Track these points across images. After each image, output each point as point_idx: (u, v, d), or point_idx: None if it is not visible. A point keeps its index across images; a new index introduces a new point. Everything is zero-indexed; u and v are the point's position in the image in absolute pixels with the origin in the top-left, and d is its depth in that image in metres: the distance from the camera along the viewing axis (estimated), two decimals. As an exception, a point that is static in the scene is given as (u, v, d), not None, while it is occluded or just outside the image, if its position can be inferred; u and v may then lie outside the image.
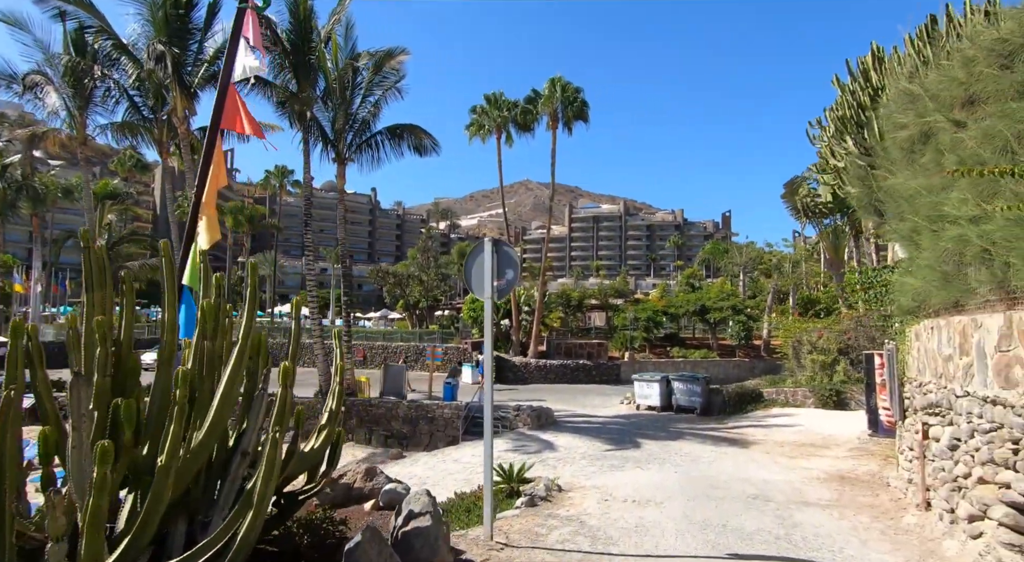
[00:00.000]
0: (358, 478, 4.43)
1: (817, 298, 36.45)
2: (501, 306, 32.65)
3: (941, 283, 5.35)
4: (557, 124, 29.77)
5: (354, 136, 18.29)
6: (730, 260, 48.18)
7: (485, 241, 5.16)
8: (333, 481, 4.44)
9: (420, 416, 18.25)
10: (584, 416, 18.92)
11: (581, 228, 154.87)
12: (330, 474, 3.37)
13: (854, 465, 10.63)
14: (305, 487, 3.29)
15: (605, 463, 11.76)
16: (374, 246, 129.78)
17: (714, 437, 14.76)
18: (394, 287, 46.06)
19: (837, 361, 18.23)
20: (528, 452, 13.38)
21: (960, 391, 4.99)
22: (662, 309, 35.78)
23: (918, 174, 5.94)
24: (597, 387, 28.32)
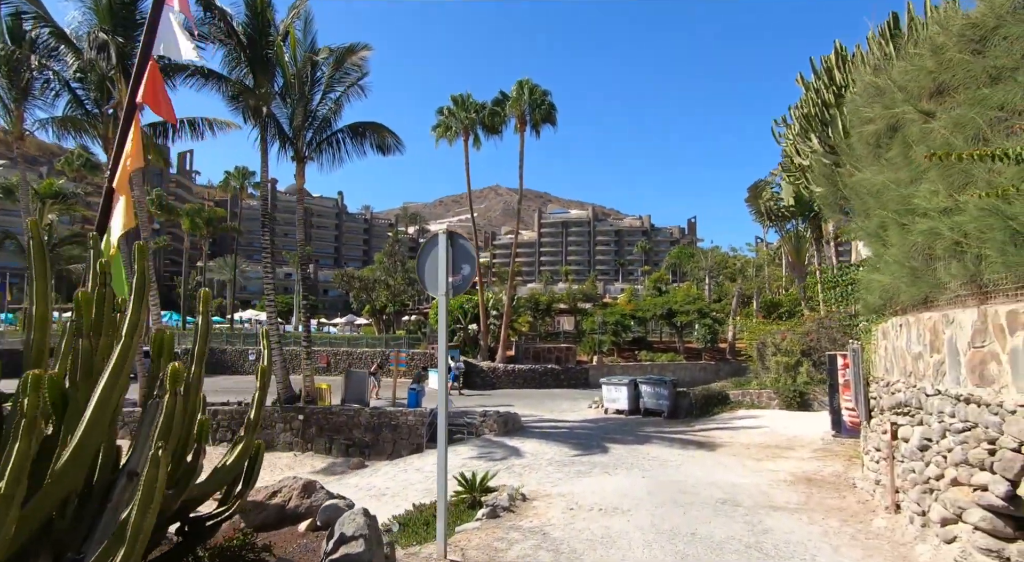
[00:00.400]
0: (294, 495, 3.97)
1: (780, 301, 37.18)
2: (469, 310, 32.20)
3: (910, 279, 5.22)
4: (525, 127, 29.58)
5: (314, 134, 17.64)
6: (696, 264, 48.87)
7: (439, 234, 4.79)
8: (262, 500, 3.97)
9: (383, 424, 17.63)
10: (552, 421, 18.63)
11: (550, 233, 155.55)
12: (245, 494, 2.93)
13: (819, 466, 10.60)
14: (216, 511, 2.85)
15: (572, 469, 11.45)
16: (341, 251, 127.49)
17: (681, 440, 14.65)
18: (360, 292, 45.04)
19: (800, 362, 18.42)
20: (494, 459, 12.97)
21: (931, 390, 4.84)
22: (630, 313, 35.91)
23: (885, 169, 5.82)
24: (566, 391, 28.10)
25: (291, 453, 17.65)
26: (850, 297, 7.61)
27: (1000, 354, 3.76)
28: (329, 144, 17.65)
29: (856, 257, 8.99)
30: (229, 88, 16.20)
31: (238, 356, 38.23)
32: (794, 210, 21.26)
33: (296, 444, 18.02)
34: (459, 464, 12.67)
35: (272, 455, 17.78)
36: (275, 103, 17.74)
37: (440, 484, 4.88)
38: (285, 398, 18.62)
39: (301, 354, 19.03)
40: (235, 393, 24.32)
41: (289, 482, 4.16)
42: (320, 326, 61.21)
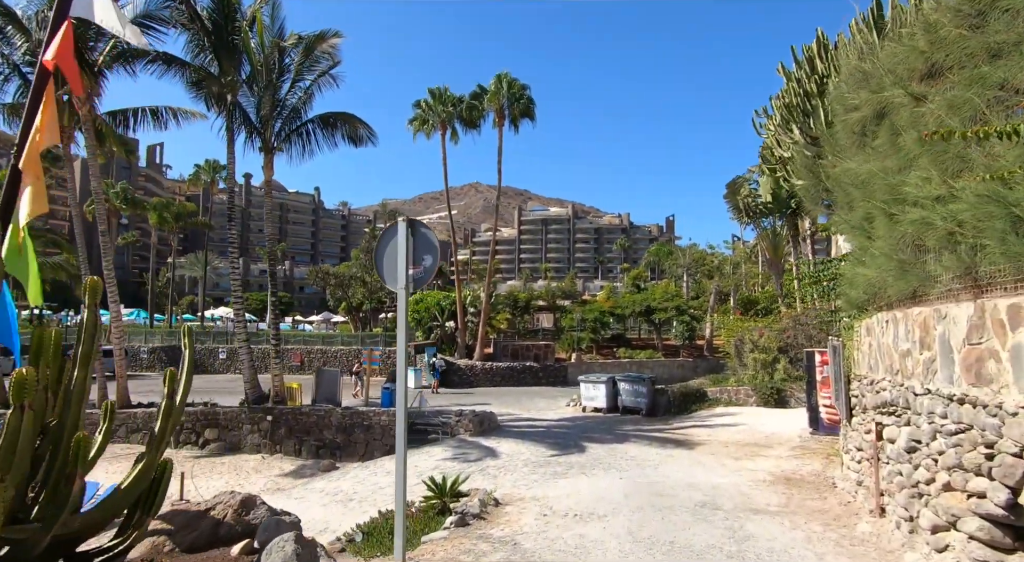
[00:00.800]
0: (230, 512, 3.53)
1: (756, 299, 37.45)
2: (447, 308, 31.70)
3: (898, 272, 4.96)
4: (504, 121, 29.15)
5: (283, 124, 16.95)
6: (674, 262, 49.04)
7: (399, 222, 4.37)
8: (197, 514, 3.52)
9: (355, 424, 17.09)
10: (529, 420, 18.30)
11: (530, 230, 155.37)
12: (145, 522, 2.50)
13: (798, 465, 10.45)
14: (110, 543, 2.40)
15: (548, 470, 11.12)
16: (317, 247, 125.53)
17: (660, 439, 14.44)
18: (336, 289, 44.18)
19: (777, 359, 18.40)
20: (468, 460, 12.58)
21: (920, 389, 4.59)
22: (609, 310, 35.78)
23: (871, 158, 5.57)
24: (544, 389, 27.84)
25: (259, 455, 17.01)
26: (831, 293, 7.40)
27: (1000, 351, 3.50)
28: (299, 135, 17.00)
29: (836, 252, 8.80)
30: (191, 74, 15.45)
31: (208, 354, 37.14)
32: (771, 207, 21.27)
33: (264, 446, 17.38)
34: (432, 466, 12.26)
35: (239, 458, 17.14)
36: (242, 92, 17.03)
37: (398, 494, 4.47)
38: (253, 398, 17.95)
39: (270, 352, 18.31)
40: (202, 393, 23.48)
41: (225, 497, 3.71)
42: (295, 324, 60.03)
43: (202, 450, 17.45)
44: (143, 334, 39.73)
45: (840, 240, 9.05)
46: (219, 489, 14.78)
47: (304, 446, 17.27)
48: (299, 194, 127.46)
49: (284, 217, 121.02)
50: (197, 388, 27.44)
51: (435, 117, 29.24)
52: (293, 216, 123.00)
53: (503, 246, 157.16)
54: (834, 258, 7.33)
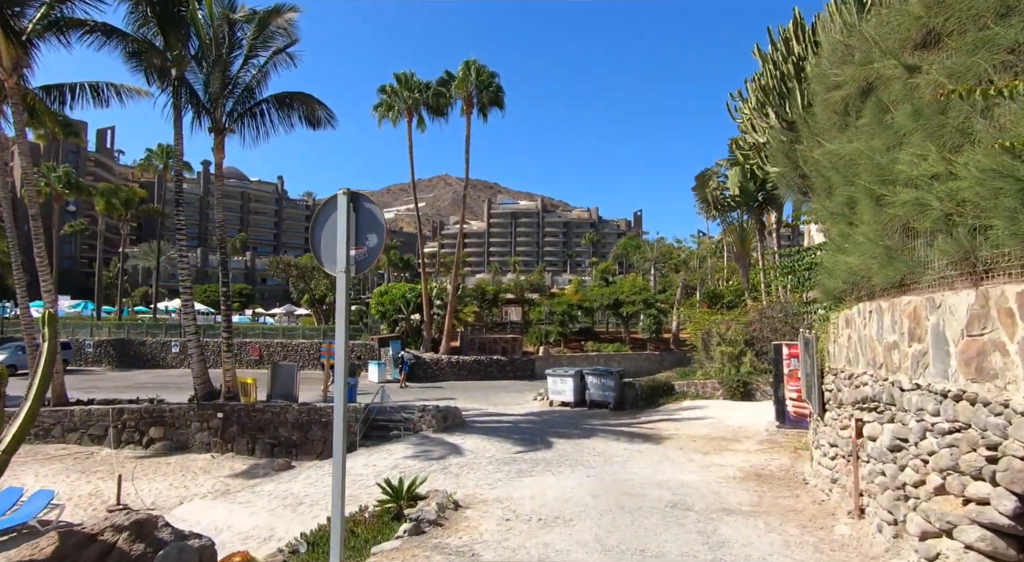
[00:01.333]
0: (122, 538, 2.91)
1: (722, 292, 37.85)
2: (412, 300, 30.94)
3: (884, 259, 4.63)
4: (472, 109, 28.43)
5: (235, 104, 15.92)
6: (642, 255, 49.27)
7: (339, 195, 3.79)
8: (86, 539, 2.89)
9: (312, 421, 16.31)
10: (495, 415, 17.84)
11: (499, 224, 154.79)
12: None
13: (766, 460, 10.27)
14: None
15: (514, 468, 10.69)
16: (281, 238, 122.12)
17: (628, 433, 14.18)
18: (298, 280, 42.76)
19: (744, 352, 18.41)
20: (431, 458, 12.03)
21: (908, 384, 4.26)
22: (577, 303, 35.60)
23: (855, 138, 5.23)
24: (511, 383, 27.42)
25: (208, 455, 16.07)
26: (806, 283, 7.13)
27: (1007, 344, 3.15)
28: (252, 115, 15.97)
29: (809, 242, 8.55)
30: (131, 45, 14.27)
31: (159, 348, 35.44)
32: (739, 200, 21.28)
33: (215, 445, 16.43)
34: (391, 465, 11.67)
35: (186, 457, 16.16)
36: (191, 70, 15.90)
37: (335, 508, 3.89)
38: (203, 394, 16.95)
39: (222, 346, 17.33)
40: (151, 389, 22.21)
41: (119, 518, 3.08)
42: (256, 316, 58.16)
43: (146, 450, 16.39)
44: (89, 327, 37.59)
45: (813, 230, 8.80)
46: (162, 492, 13.87)
47: (258, 444, 16.41)
48: (262, 183, 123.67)
49: (246, 207, 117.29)
50: (143, 383, 26.13)
51: (401, 103, 28.29)
52: (255, 206, 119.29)
53: (472, 239, 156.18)
54: (809, 247, 7.05)
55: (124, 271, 66.23)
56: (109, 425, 16.50)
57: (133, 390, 22.04)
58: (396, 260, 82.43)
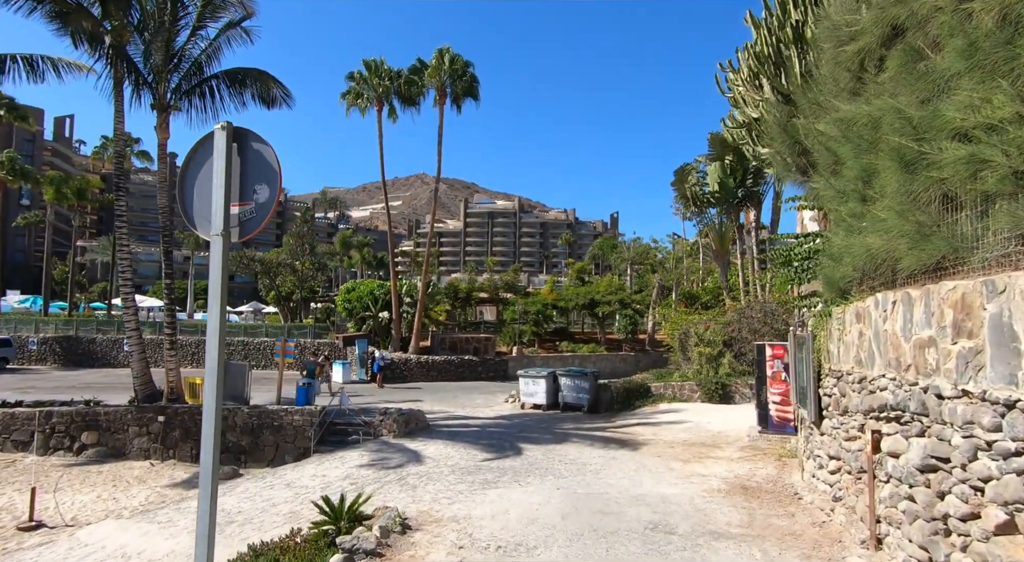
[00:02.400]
0: None
1: (697, 293, 37.46)
2: (381, 297, 29.68)
3: (915, 238, 3.79)
4: (445, 99, 27.32)
5: (181, 79, 14.59)
6: (618, 256, 48.74)
7: (216, 131, 2.78)
8: None
9: (263, 425, 15.05)
10: (463, 418, 16.82)
11: (476, 223, 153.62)
12: None
13: (751, 469, 9.50)
14: None
15: (478, 478, 9.71)
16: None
17: (602, 438, 13.33)
18: (263, 276, 41.01)
19: (723, 353, 17.76)
20: (388, 467, 10.96)
21: (951, 390, 3.42)
22: (552, 303, 34.77)
23: (876, 97, 4.38)
24: (482, 384, 26.41)
25: (146, 462, 14.71)
26: (803, 276, 6.34)
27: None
28: (201, 92, 14.66)
29: (801, 229, 7.77)
30: (56, 5, 12.80)
31: (111, 346, 33.47)
32: (718, 196, 20.69)
33: (155, 451, 15.06)
34: (343, 475, 10.57)
35: (122, 465, 14.75)
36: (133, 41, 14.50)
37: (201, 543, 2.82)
38: (143, 396, 15.54)
39: (164, 343, 15.95)
40: (95, 389, 20.55)
41: None
42: (219, 314, 55.86)
43: (77, 457, 14.94)
44: (34, 323, 35.32)
45: (806, 218, 8.03)
46: (87, 505, 12.46)
47: (203, 451, 15.08)
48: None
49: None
50: (89, 383, 24.31)
51: (370, 91, 27.00)
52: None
53: (449, 239, 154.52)
54: (808, 234, 6.26)
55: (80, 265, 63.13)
56: (35, 430, 14.98)
57: (75, 391, 20.35)
58: (369, 258, 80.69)
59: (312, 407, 15.30)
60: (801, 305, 6.35)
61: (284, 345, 16.71)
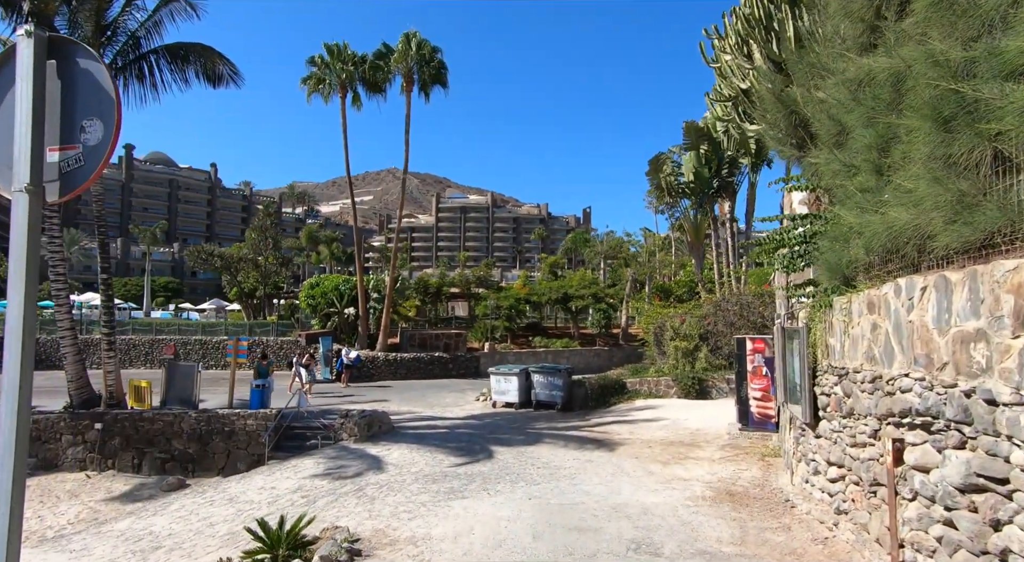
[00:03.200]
0: None
1: (670, 287, 37.27)
2: (346, 293, 28.49)
3: (956, 209, 3.11)
4: (412, 86, 26.19)
5: (117, 54, 13.28)
6: (592, 249, 48.31)
7: (20, 39, 1.89)
8: None
9: (213, 430, 13.92)
10: (431, 419, 15.97)
11: (448, 218, 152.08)
12: None
13: (735, 471, 8.92)
14: None
15: (443, 487, 8.91)
16: (214, 229, 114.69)
17: (577, 438, 12.67)
18: (223, 271, 39.22)
19: (699, 348, 17.30)
20: (345, 476, 10.06)
21: (1010, 395, 2.77)
22: (525, 297, 34.05)
23: (897, 49, 3.70)
24: (453, 382, 25.54)
25: (82, 474, 13.44)
26: (798, 261, 5.70)
27: None
28: (139, 69, 13.37)
29: (791, 209, 7.15)
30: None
31: (54, 347, 31.36)
32: (693, 187, 20.23)
33: (91, 461, 13.79)
34: (293, 487, 9.62)
35: (53, 477, 13.44)
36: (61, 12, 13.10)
37: None
38: (79, 401, 14.23)
39: (101, 343, 14.65)
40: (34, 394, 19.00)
41: None
42: (179, 312, 53.65)
43: (3, 470, 13.57)
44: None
45: (795, 201, 7.42)
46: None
47: (146, 460, 13.90)
48: (193, 170, 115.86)
49: (174, 195, 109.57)
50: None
51: (333, 77, 25.71)
52: (185, 194, 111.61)
53: (420, 233, 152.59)
54: (807, 215, 5.63)
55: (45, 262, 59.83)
56: (-46, 441, 13.57)
57: (6, 396, 18.74)
58: (338, 253, 78.66)
59: (267, 410, 14.23)
60: (796, 295, 5.70)
61: (236, 344, 15.54)
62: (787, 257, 5.64)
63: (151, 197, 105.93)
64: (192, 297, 76.28)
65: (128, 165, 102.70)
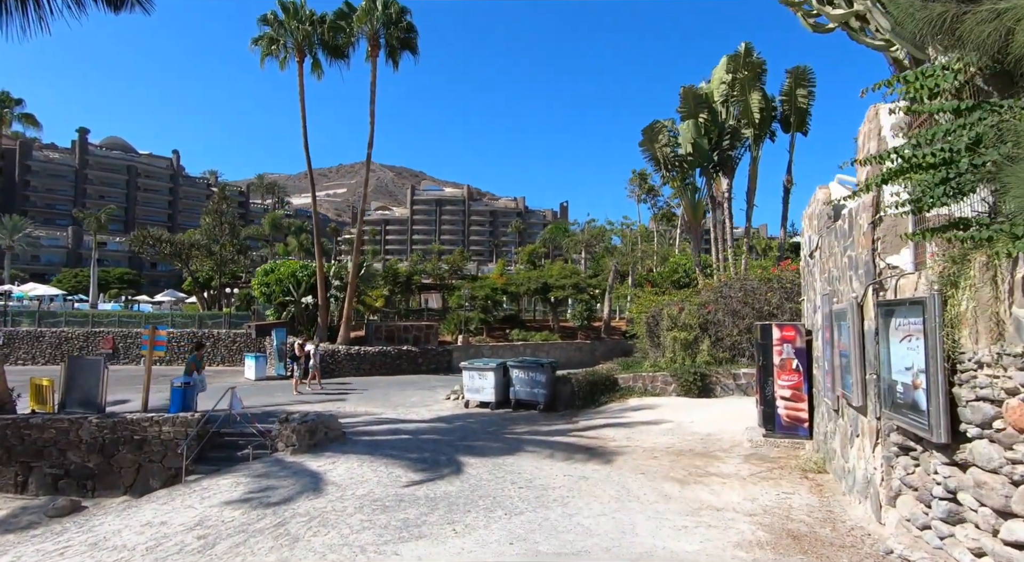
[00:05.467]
0: None
1: (654, 278, 35.41)
2: (304, 280, 25.79)
3: None
4: (378, 51, 23.58)
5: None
6: (571, 240, 46.21)
7: None
8: None
9: (120, 439, 11.35)
10: (392, 422, 13.62)
11: (424, 211, 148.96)
12: None
13: (779, 496, 6.82)
14: None
15: (395, 519, 6.65)
16: (176, 219, 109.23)
17: (565, 446, 10.50)
18: (173, 259, 35.99)
19: (700, 339, 15.30)
20: (267, 504, 7.67)
21: None
22: (502, 287, 31.77)
23: None
24: (422, 378, 23.18)
25: (-53, 496, 10.75)
26: (948, 187, 3.58)
27: None
28: (22, -9, 10.65)
29: (867, 151, 5.01)
30: None
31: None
32: (691, 160, 18.22)
33: (-39, 480, 11.11)
34: (193, 521, 7.12)
35: (-91, 502, 10.74)
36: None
37: None
38: (-48, 405, 11.49)
39: None
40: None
41: None
42: (129, 304, 49.93)
43: None
44: None
45: (886, 127, 5.30)
46: None
47: (33, 476, 11.29)
48: (153, 157, 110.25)
49: (133, 182, 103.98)
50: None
51: (288, 37, 22.95)
52: (144, 182, 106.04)
53: (395, 226, 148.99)
54: (977, 104, 3.51)
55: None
56: None
57: None
58: (308, 245, 75.14)
59: (188, 415, 11.68)
60: (951, 234, 3.56)
61: (152, 334, 12.89)
62: (927, 183, 3.50)
63: (108, 184, 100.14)
64: (151, 289, 72.18)
65: (82, 150, 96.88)
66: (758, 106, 17.17)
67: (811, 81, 17.63)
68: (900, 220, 5.17)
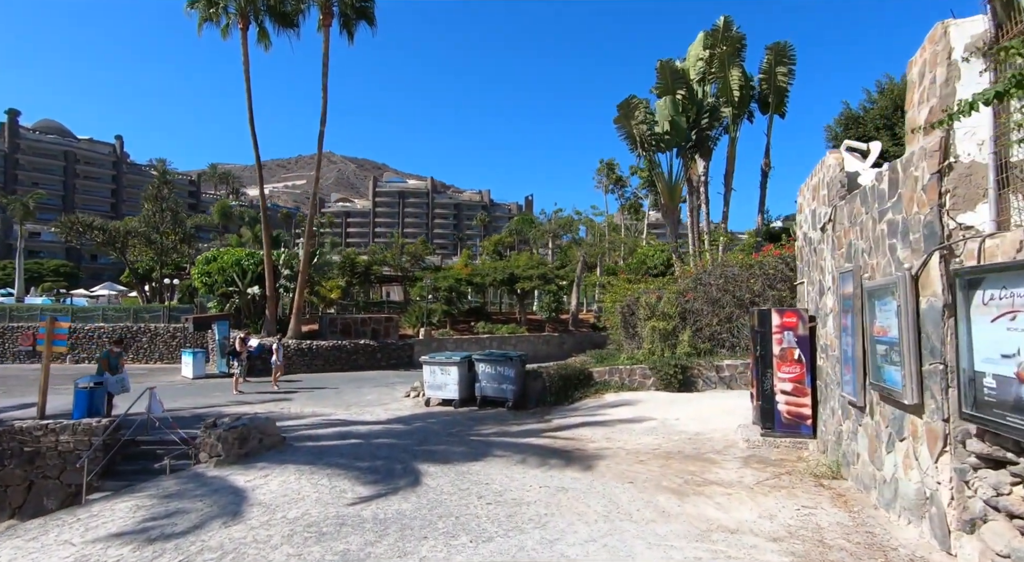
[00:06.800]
0: None
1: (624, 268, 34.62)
2: (251, 269, 23.73)
3: None
4: (331, 20, 21.67)
5: None
6: (538, 231, 45.01)
7: None
8: None
9: (6, 452, 9.47)
10: (343, 424, 12.10)
11: (386, 203, 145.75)
12: None
13: (801, 512, 5.70)
14: None
15: (331, 552, 5.28)
16: (120, 209, 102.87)
17: (539, 449, 9.23)
18: (107, 248, 33.05)
19: (679, 329, 14.29)
20: (169, 534, 6.11)
21: None
22: (467, 278, 30.36)
23: None
24: (380, 374, 21.60)
25: None
26: None
27: None
28: None
29: (929, 82, 3.80)
30: None
31: None
32: (669, 139, 17.20)
33: None
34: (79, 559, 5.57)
35: None
36: None
37: None
38: None
39: None
40: None
41: None
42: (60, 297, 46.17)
43: None
44: None
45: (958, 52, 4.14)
46: None
47: None
48: (93, 142, 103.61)
49: (71, 168, 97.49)
50: None
51: (231, 1, 20.83)
52: (85, 169, 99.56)
53: (357, 218, 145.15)
54: None
55: None
56: None
57: None
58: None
59: (93, 421, 9.87)
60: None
61: (50, 326, 10.96)
62: None
63: (42, 170, 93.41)
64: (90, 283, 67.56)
65: (12, 133, 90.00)
66: (738, 83, 16.30)
67: (792, 58, 16.84)
68: (976, 167, 4.04)
